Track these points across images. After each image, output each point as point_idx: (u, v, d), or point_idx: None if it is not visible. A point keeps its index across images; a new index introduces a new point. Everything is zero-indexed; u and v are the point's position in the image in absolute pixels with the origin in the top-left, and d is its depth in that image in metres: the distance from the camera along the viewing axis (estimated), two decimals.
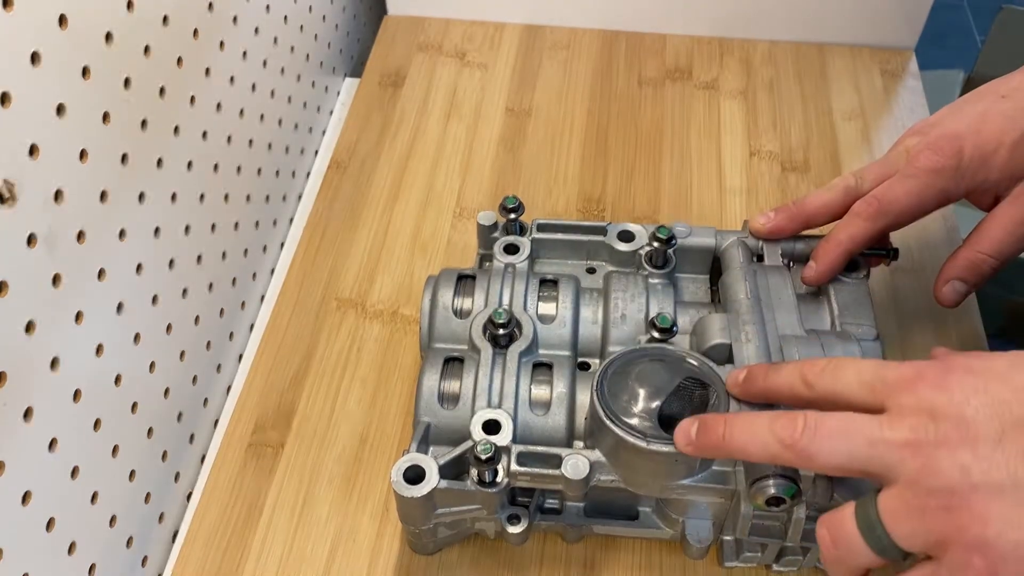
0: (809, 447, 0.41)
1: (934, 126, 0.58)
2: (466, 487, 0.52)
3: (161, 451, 0.63)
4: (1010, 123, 0.56)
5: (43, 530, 0.50)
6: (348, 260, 0.75)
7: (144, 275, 0.58)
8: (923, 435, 0.38)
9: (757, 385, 0.49)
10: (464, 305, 0.60)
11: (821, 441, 0.41)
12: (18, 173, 0.45)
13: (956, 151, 0.56)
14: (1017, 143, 0.55)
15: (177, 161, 0.61)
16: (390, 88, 0.89)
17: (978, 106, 0.57)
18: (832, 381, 0.43)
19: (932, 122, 0.59)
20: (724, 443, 0.45)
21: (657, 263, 0.61)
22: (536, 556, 0.58)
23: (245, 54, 0.71)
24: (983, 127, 0.56)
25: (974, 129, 0.56)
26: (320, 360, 0.68)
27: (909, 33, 0.92)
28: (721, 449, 0.46)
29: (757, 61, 0.91)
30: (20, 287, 0.46)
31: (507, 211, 0.64)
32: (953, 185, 0.56)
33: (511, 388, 0.55)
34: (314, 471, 0.62)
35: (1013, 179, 0.56)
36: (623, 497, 0.55)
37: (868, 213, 0.58)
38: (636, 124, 0.85)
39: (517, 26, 0.95)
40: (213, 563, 0.59)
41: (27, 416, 0.47)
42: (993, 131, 0.56)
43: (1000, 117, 0.56)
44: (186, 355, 0.66)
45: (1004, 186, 0.56)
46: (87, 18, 0.49)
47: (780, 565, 0.57)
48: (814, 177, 0.81)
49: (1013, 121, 0.56)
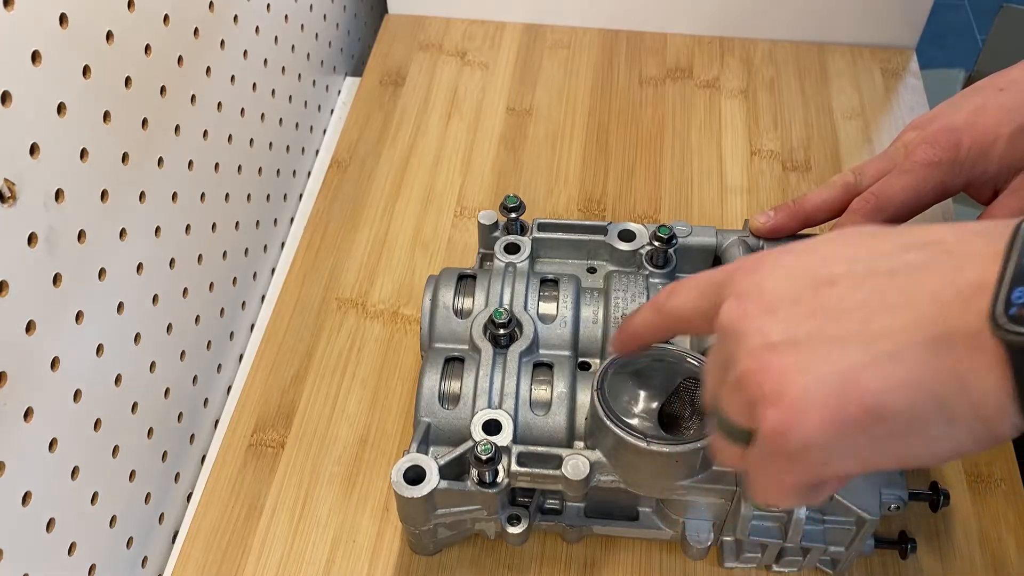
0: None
1: (932, 120, 0.58)
2: (466, 487, 0.52)
3: (161, 451, 0.63)
4: (1008, 116, 0.55)
5: (43, 530, 0.50)
6: (349, 260, 0.75)
7: (144, 275, 0.58)
8: (731, 315, 0.39)
9: (624, 333, 0.50)
10: (465, 305, 0.60)
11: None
12: (18, 173, 0.45)
13: (954, 144, 0.56)
14: (1015, 135, 0.55)
15: (178, 160, 0.61)
16: (391, 87, 0.89)
17: (976, 99, 0.57)
18: (674, 301, 0.45)
19: (930, 116, 0.59)
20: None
21: (658, 262, 0.61)
22: (536, 556, 0.58)
23: (246, 53, 0.71)
24: (981, 120, 0.56)
25: (972, 122, 0.56)
26: (320, 360, 0.68)
27: (910, 32, 0.91)
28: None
29: (758, 60, 0.91)
30: (20, 287, 0.46)
31: (508, 210, 0.64)
32: (951, 178, 0.56)
33: (511, 388, 0.55)
34: (314, 471, 0.62)
35: (1011, 171, 0.56)
36: (623, 497, 0.55)
37: (866, 210, 0.58)
38: (637, 123, 0.85)
39: (518, 25, 0.95)
40: (213, 563, 0.59)
41: (27, 416, 0.47)
42: (991, 124, 0.56)
43: (998, 110, 0.56)
44: (186, 355, 0.65)
45: (1003, 179, 0.56)
46: (87, 17, 0.49)
47: (780, 566, 0.57)
48: (815, 176, 0.81)
49: (1011, 114, 0.55)
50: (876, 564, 0.58)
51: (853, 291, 0.36)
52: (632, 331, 0.49)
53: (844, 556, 0.55)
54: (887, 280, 0.35)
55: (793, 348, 0.36)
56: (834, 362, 0.35)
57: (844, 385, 0.34)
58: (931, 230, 0.36)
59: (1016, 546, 0.59)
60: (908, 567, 0.58)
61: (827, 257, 0.38)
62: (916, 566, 0.58)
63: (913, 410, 0.34)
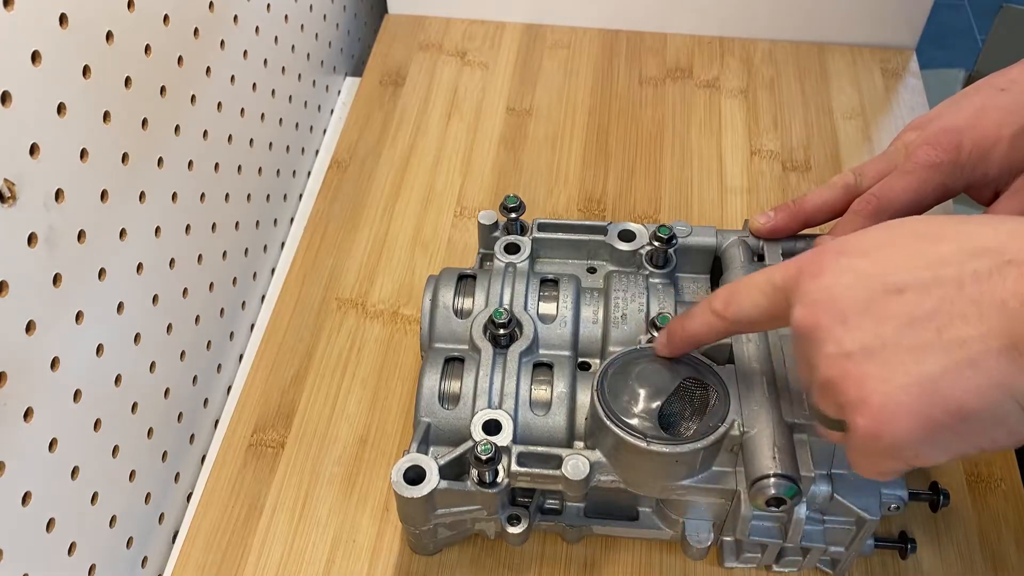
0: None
1: (932, 121, 0.58)
2: (466, 488, 0.52)
3: (161, 451, 0.63)
4: (1009, 116, 0.55)
5: (43, 530, 0.50)
6: (349, 260, 0.75)
7: (144, 275, 0.58)
8: (804, 323, 0.41)
9: (679, 337, 0.52)
10: (465, 305, 0.60)
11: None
12: (18, 173, 0.45)
13: (954, 145, 0.56)
14: (1016, 136, 0.55)
15: (178, 160, 0.61)
16: (391, 87, 0.89)
17: (976, 100, 0.57)
18: (738, 306, 0.47)
19: (931, 117, 0.59)
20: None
21: (658, 262, 0.61)
22: (536, 556, 0.58)
23: (246, 53, 0.71)
24: (981, 121, 0.56)
25: (972, 123, 0.56)
26: (320, 360, 0.68)
27: (910, 32, 0.91)
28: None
29: (758, 60, 0.91)
30: (20, 287, 0.46)
31: (508, 210, 0.64)
32: (952, 180, 0.56)
33: (511, 388, 0.55)
34: (314, 471, 0.62)
35: (1012, 173, 0.56)
36: (623, 497, 0.55)
37: (867, 211, 0.57)
38: (637, 123, 0.85)
39: (518, 25, 0.95)
40: (213, 563, 0.59)
41: (27, 416, 0.47)
42: (991, 125, 0.55)
43: (998, 111, 0.56)
44: (186, 355, 0.65)
45: (1004, 180, 0.56)
46: (88, 17, 0.49)
47: (780, 566, 0.57)
48: (815, 176, 0.81)
49: (1012, 114, 0.55)
50: (876, 564, 0.58)
51: (922, 300, 0.38)
52: (690, 335, 0.51)
53: (844, 556, 0.55)
54: (955, 290, 0.37)
55: (869, 357, 0.39)
56: (913, 371, 0.37)
57: (926, 393, 0.37)
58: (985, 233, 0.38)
59: (1016, 546, 0.59)
60: (908, 567, 0.58)
61: (889, 263, 0.40)
62: (916, 566, 0.58)
63: (995, 408, 0.37)
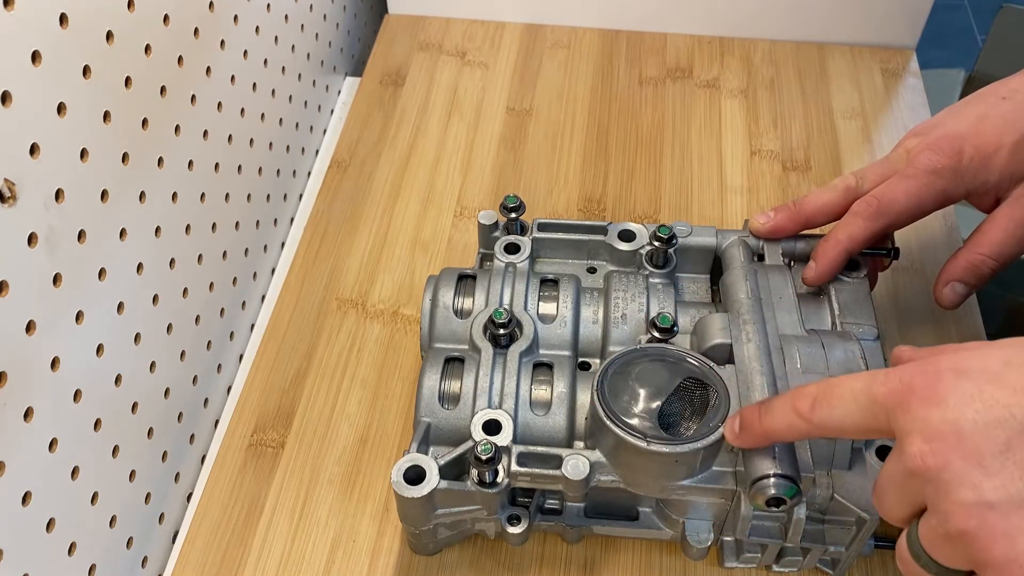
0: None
1: (935, 127, 0.58)
2: (466, 487, 0.52)
3: (161, 451, 0.63)
4: (1010, 125, 0.56)
5: (43, 530, 0.50)
6: (349, 260, 0.75)
7: (144, 275, 0.58)
8: (927, 462, 0.37)
9: (755, 431, 0.47)
10: (465, 305, 0.60)
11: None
12: (18, 173, 0.45)
13: (956, 152, 0.56)
14: (1017, 145, 0.55)
15: (178, 160, 0.61)
16: (391, 87, 0.89)
17: (978, 108, 0.57)
18: (828, 412, 0.43)
19: (933, 123, 0.59)
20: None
21: (658, 263, 0.61)
22: (536, 556, 0.58)
23: (246, 53, 0.71)
24: (983, 128, 0.56)
25: (974, 131, 0.56)
26: (320, 360, 0.68)
27: (910, 32, 0.91)
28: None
29: (758, 60, 0.91)
30: (20, 287, 0.46)
31: (508, 210, 0.64)
32: (953, 186, 0.56)
33: (511, 388, 0.55)
34: (314, 471, 0.62)
35: (1013, 181, 0.56)
36: (623, 497, 0.55)
37: (868, 213, 0.58)
38: (637, 123, 0.85)
39: (518, 25, 0.95)
40: (213, 563, 0.59)
41: (27, 416, 0.47)
42: (993, 133, 0.56)
43: (1000, 119, 0.56)
44: (186, 355, 0.65)
45: (1004, 188, 0.56)
46: (88, 17, 0.49)
47: (780, 566, 0.57)
48: (815, 176, 0.81)
49: (1013, 123, 0.56)
50: (876, 564, 0.58)
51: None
52: (768, 431, 0.47)
53: (844, 556, 0.55)
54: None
55: (1016, 508, 0.34)
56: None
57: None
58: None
59: None
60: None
61: (1019, 388, 0.36)
62: None
63: None
